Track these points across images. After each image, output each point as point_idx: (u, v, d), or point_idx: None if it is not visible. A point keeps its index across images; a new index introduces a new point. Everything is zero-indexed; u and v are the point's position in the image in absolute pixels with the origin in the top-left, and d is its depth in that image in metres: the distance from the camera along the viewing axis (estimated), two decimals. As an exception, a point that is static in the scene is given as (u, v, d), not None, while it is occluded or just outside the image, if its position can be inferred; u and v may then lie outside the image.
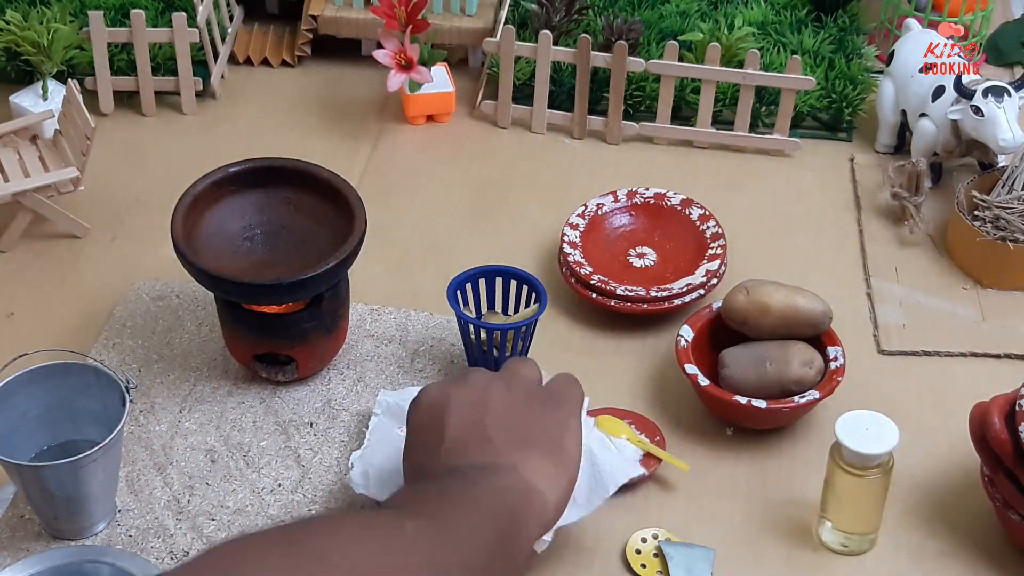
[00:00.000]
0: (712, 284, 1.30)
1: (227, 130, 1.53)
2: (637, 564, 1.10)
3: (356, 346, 1.26)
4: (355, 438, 1.18)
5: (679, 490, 1.16)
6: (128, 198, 1.44)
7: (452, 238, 1.40)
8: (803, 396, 1.17)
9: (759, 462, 1.18)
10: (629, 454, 1.15)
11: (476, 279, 1.23)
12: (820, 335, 1.21)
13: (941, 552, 1.12)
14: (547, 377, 1.06)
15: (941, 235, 1.40)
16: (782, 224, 1.43)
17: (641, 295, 1.28)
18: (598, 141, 1.53)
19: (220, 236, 1.19)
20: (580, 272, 1.30)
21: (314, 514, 1.11)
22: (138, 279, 1.32)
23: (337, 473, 1.15)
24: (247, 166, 1.21)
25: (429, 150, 1.52)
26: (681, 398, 1.23)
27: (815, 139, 1.53)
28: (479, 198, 1.46)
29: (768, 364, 1.18)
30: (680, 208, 1.37)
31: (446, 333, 1.27)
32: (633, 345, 1.29)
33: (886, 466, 1.07)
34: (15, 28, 1.47)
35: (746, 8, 1.61)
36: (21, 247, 1.38)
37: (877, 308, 1.33)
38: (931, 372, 1.27)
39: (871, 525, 1.11)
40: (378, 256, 1.33)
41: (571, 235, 1.34)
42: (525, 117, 1.54)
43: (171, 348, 1.25)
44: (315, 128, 1.54)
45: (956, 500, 1.15)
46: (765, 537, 1.13)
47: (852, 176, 1.48)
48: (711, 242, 1.33)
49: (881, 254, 1.39)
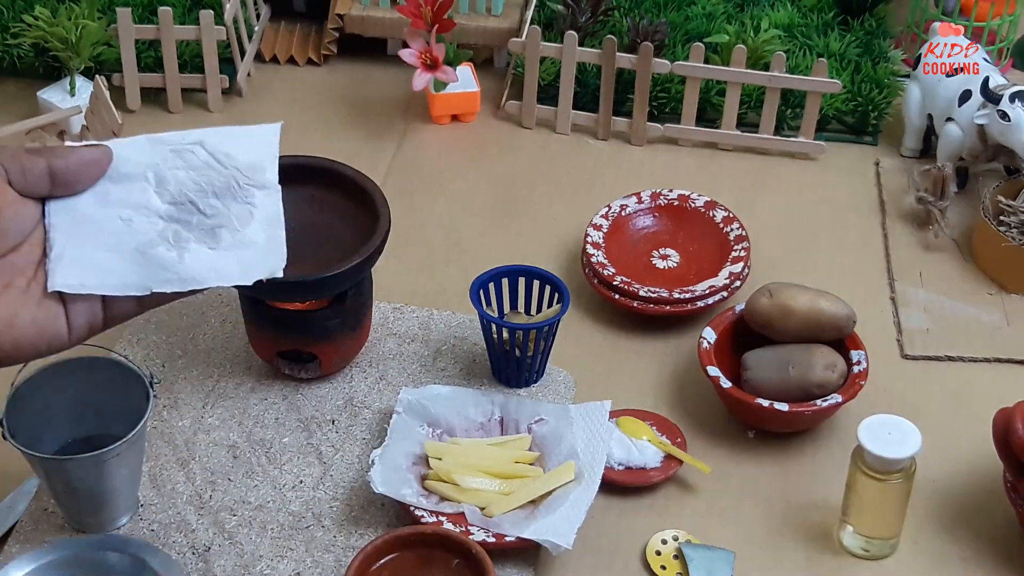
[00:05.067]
0: (735, 286, 1.30)
1: (253, 128, 1.54)
2: (657, 565, 1.10)
3: (379, 344, 1.26)
4: (376, 436, 1.18)
5: (700, 492, 1.16)
6: (154, 194, 1.44)
7: (475, 237, 1.41)
8: (826, 400, 1.16)
9: (780, 465, 1.18)
10: (650, 455, 1.15)
11: (499, 279, 1.24)
12: (843, 339, 1.21)
13: (963, 557, 1.12)
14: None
15: (966, 240, 1.39)
16: (806, 227, 1.42)
17: (664, 296, 1.28)
18: (623, 142, 1.53)
19: (245, 233, 1.19)
20: (603, 273, 1.30)
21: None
22: (163, 275, 1.32)
23: (358, 470, 1.15)
24: (272, 164, 1.22)
25: (453, 150, 1.52)
26: (703, 400, 1.22)
27: (840, 142, 1.52)
28: (503, 198, 1.46)
29: (791, 367, 1.17)
30: (704, 210, 1.37)
31: (468, 332, 1.27)
32: (655, 346, 1.29)
33: (908, 471, 1.07)
34: (44, 24, 1.48)
35: (772, 11, 1.60)
36: (47, 242, 1.38)
37: (901, 312, 1.32)
38: (955, 377, 1.27)
39: (893, 530, 1.11)
40: (401, 255, 1.33)
41: (594, 236, 1.34)
42: (550, 118, 1.54)
43: (195, 344, 1.26)
44: (340, 127, 1.54)
45: (978, 505, 1.15)
46: (785, 540, 1.13)
47: (877, 180, 1.48)
48: (735, 244, 1.33)
49: (906, 258, 1.38)
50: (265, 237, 0.91)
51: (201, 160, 0.92)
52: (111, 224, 0.89)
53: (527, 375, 1.22)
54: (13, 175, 0.86)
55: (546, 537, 1.06)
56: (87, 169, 0.89)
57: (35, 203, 0.88)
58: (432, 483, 1.12)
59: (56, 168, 0.87)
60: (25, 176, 0.86)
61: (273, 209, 0.92)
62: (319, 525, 1.11)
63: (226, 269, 0.91)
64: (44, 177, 0.87)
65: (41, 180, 0.87)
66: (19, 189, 0.86)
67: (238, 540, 1.10)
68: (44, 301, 0.87)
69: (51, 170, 0.87)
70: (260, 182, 0.92)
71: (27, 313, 0.86)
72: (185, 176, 0.91)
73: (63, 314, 0.87)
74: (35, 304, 0.86)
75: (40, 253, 0.88)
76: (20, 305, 0.86)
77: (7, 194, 0.86)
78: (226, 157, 0.92)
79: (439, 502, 1.11)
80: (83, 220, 0.89)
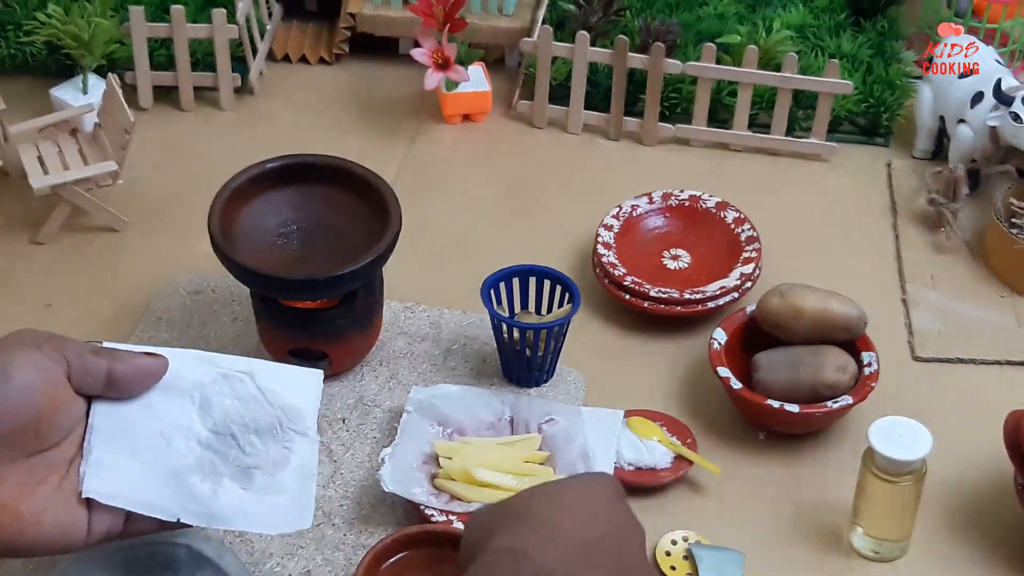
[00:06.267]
0: (746, 287, 1.30)
1: (264, 126, 1.54)
2: (667, 566, 1.10)
3: (389, 343, 1.26)
4: (387, 435, 1.18)
5: (710, 493, 1.16)
6: (166, 192, 1.45)
7: (486, 237, 1.41)
8: (836, 401, 1.16)
9: (791, 467, 1.18)
10: (660, 456, 1.15)
11: (510, 278, 1.24)
12: (854, 340, 1.20)
13: (973, 560, 1.11)
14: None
15: (978, 242, 1.39)
16: (817, 228, 1.42)
17: (675, 297, 1.28)
18: (634, 142, 1.53)
19: (256, 231, 1.20)
20: (614, 273, 1.30)
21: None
22: (175, 273, 1.33)
23: (369, 469, 1.15)
24: (284, 162, 1.22)
25: (465, 149, 1.52)
26: (713, 401, 1.22)
27: (852, 143, 1.52)
28: (514, 198, 1.46)
29: (801, 368, 1.17)
30: (715, 211, 1.37)
31: (479, 332, 1.27)
32: (666, 347, 1.28)
33: (919, 473, 1.07)
34: (56, 22, 1.49)
35: (784, 11, 1.60)
36: (60, 240, 1.39)
37: (912, 314, 1.32)
38: (966, 379, 1.26)
39: (903, 532, 1.11)
40: (412, 254, 1.33)
41: (605, 236, 1.34)
42: (561, 117, 1.54)
43: (206, 342, 1.26)
44: (352, 125, 1.54)
45: (989, 508, 1.15)
46: (795, 542, 1.12)
47: (889, 181, 1.48)
48: (746, 245, 1.33)
49: (917, 260, 1.38)
50: (296, 488, 0.92)
51: (249, 392, 0.92)
52: (151, 439, 0.89)
53: (537, 375, 1.22)
54: (74, 372, 0.86)
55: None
56: (142, 378, 0.89)
57: (83, 401, 0.88)
58: (442, 482, 1.12)
59: (116, 373, 0.87)
60: (85, 376, 0.86)
61: (309, 460, 0.92)
62: (329, 523, 1.11)
63: (254, 514, 0.91)
64: (102, 379, 0.87)
65: (98, 382, 0.87)
66: (76, 386, 0.86)
67: (248, 538, 1.10)
68: (72, 503, 0.87)
69: (110, 374, 0.87)
70: (301, 428, 0.93)
71: (55, 513, 0.86)
72: (231, 406, 0.91)
73: (87, 519, 0.87)
74: (63, 505, 0.86)
75: (75, 451, 0.88)
76: (50, 503, 0.86)
77: (66, 391, 0.86)
78: (273, 395, 0.92)
79: (449, 501, 1.11)
80: (125, 428, 0.88)
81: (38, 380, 0.85)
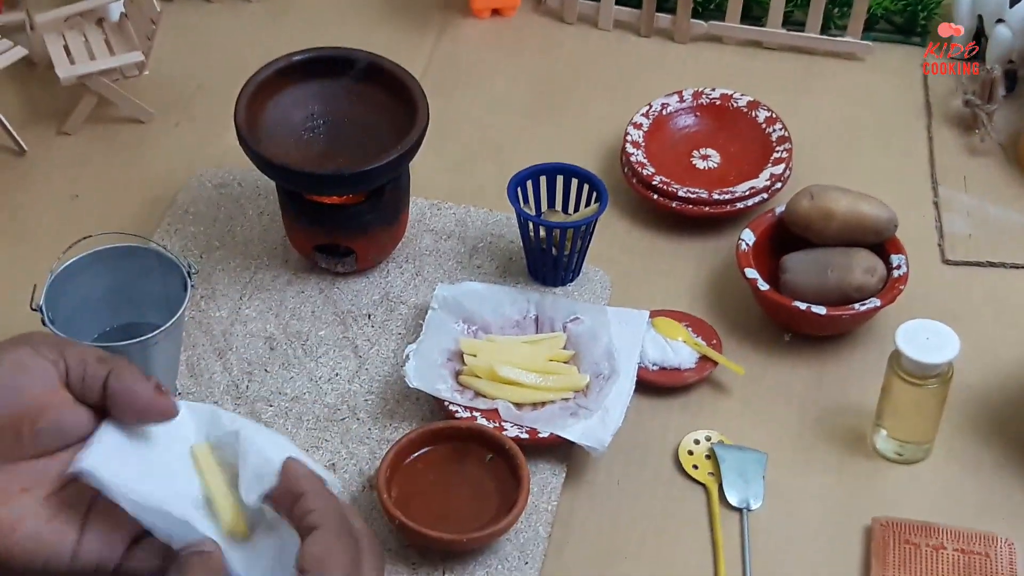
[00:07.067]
0: (776, 188, 1.29)
1: (291, 19, 1.52)
2: (689, 465, 1.10)
3: (415, 240, 1.26)
4: (412, 331, 1.18)
5: (734, 394, 1.16)
6: (192, 84, 1.44)
7: (514, 135, 1.39)
8: (864, 303, 1.15)
9: (816, 368, 1.18)
10: (685, 356, 1.15)
11: (537, 177, 1.23)
12: (884, 242, 1.19)
13: (996, 463, 1.11)
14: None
15: (1013, 145, 1.37)
16: (850, 129, 1.40)
17: (703, 197, 1.27)
18: (665, 39, 1.50)
19: (283, 125, 1.19)
20: (642, 173, 1.29)
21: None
22: (201, 166, 1.33)
23: (393, 365, 1.16)
24: (311, 55, 1.21)
25: (493, 45, 1.50)
26: (740, 302, 1.22)
27: (888, 43, 1.50)
28: (542, 95, 1.44)
29: (830, 270, 1.16)
30: (746, 110, 1.35)
31: (505, 230, 1.27)
32: (693, 247, 1.28)
33: (945, 376, 1.06)
34: (82, -90, 1.46)
35: (823, -95, 1.56)
36: (86, 130, 1.38)
37: (943, 217, 1.31)
38: (995, 283, 1.25)
39: (927, 435, 1.11)
40: (439, 151, 1.32)
41: (634, 135, 1.32)
42: (592, 13, 1.52)
43: (232, 236, 1.26)
44: (379, 19, 1.53)
45: (1014, 412, 1.14)
46: (818, 443, 1.13)
47: (924, 82, 1.45)
48: (776, 145, 1.31)
49: (950, 162, 1.36)
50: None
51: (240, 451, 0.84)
52: (157, 466, 0.82)
53: (563, 274, 1.22)
54: (73, 377, 0.80)
55: (582, 440, 1.07)
56: (133, 401, 0.81)
57: (87, 411, 0.81)
58: (467, 379, 1.12)
59: (109, 387, 0.80)
60: (84, 381, 0.80)
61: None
62: (354, 417, 1.12)
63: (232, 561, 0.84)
64: (98, 388, 0.80)
65: (95, 391, 0.81)
66: (76, 393, 0.80)
67: (273, 430, 1.11)
68: (59, 519, 0.80)
69: (105, 385, 0.80)
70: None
71: (34, 525, 0.79)
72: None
73: (74, 540, 0.80)
74: (46, 518, 0.79)
75: None
76: (31, 513, 0.79)
77: (57, 395, 0.80)
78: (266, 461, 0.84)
79: (473, 398, 1.11)
80: (131, 448, 0.82)
81: (20, 380, 0.79)
